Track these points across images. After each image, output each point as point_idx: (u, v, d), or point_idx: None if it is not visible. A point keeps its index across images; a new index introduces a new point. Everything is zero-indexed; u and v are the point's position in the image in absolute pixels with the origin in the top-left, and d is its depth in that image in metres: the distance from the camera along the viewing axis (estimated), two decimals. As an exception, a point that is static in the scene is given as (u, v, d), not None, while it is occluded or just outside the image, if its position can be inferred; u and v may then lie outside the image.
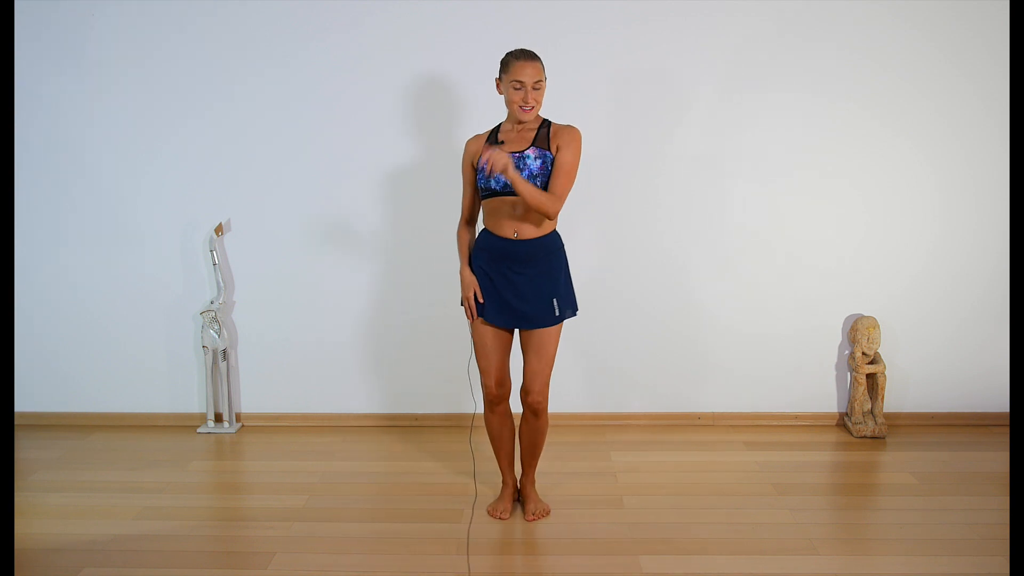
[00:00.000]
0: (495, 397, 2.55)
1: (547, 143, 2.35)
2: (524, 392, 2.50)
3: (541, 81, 2.31)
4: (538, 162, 2.32)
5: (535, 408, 2.51)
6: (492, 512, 2.67)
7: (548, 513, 2.64)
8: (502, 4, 3.24)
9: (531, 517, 2.61)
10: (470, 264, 2.51)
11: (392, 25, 3.26)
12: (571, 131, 2.38)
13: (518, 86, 2.28)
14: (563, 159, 2.33)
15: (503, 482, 2.72)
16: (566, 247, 2.55)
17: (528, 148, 2.33)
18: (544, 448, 3.20)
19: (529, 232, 2.38)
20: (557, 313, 2.43)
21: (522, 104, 2.29)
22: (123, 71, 3.33)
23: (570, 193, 2.40)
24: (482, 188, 2.39)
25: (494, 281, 2.43)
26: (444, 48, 3.28)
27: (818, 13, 3.23)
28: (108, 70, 3.33)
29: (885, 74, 3.27)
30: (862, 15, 3.23)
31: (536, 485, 2.75)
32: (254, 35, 3.29)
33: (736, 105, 3.31)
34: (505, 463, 2.69)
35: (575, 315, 2.53)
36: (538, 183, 2.31)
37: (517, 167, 2.30)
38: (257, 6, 3.26)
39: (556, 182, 2.32)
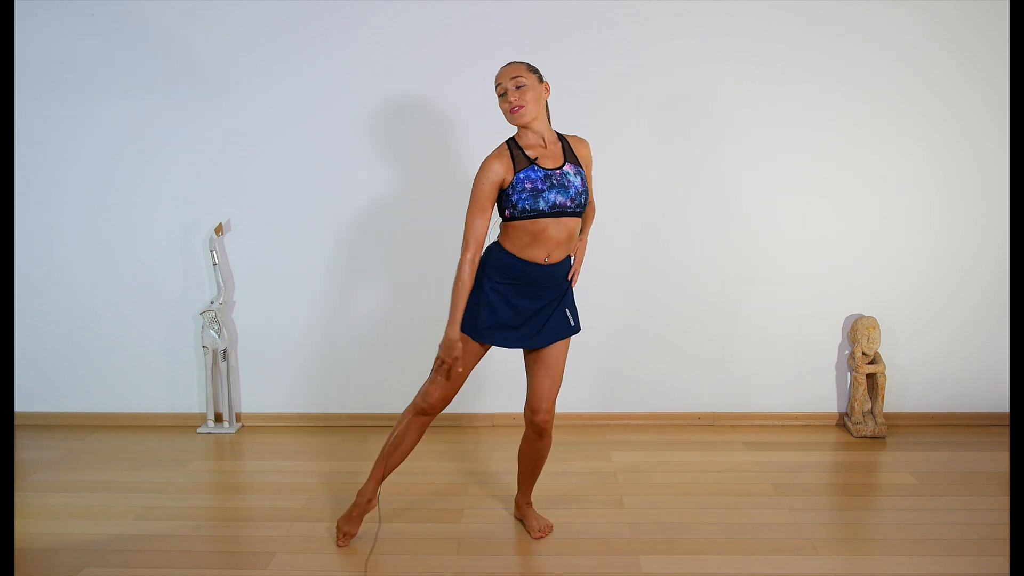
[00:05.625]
0: (433, 411, 2.35)
1: (575, 158, 2.26)
2: (532, 411, 2.33)
3: (521, 76, 2.15)
4: (578, 178, 2.21)
5: (543, 428, 2.35)
6: (340, 532, 2.45)
7: (552, 528, 2.54)
8: (503, 5, 3.24)
9: (539, 534, 2.50)
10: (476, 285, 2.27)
11: (393, 25, 3.26)
12: (587, 145, 2.33)
13: (501, 91, 2.18)
14: (588, 176, 2.30)
15: (362, 496, 2.43)
16: None
17: (565, 164, 2.22)
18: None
19: (560, 255, 2.25)
20: (572, 323, 2.34)
21: (509, 107, 2.16)
22: (122, 71, 3.33)
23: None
24: (526, 208, 2.15)
25: (511, 303, 2.25)
26: (446, 46, 3.28)
27: (817, 13, 3.23)
28: (107, 70, 3.33)
29: (885, 75, 3.27)
30: (862, 15, 3.23)
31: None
32: (254, 35, 3.29)
33: (737, 107, 3.31)
34: (381, 475, 2.41)
35: (578, 328, 2.39)
36: (582, 200, 2.22)
37: (562, 184, 2.18)
38: (257, 6, 3.26)
39: (589, 200, 2.34)
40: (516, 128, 2.24)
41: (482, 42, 3.25)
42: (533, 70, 2.21)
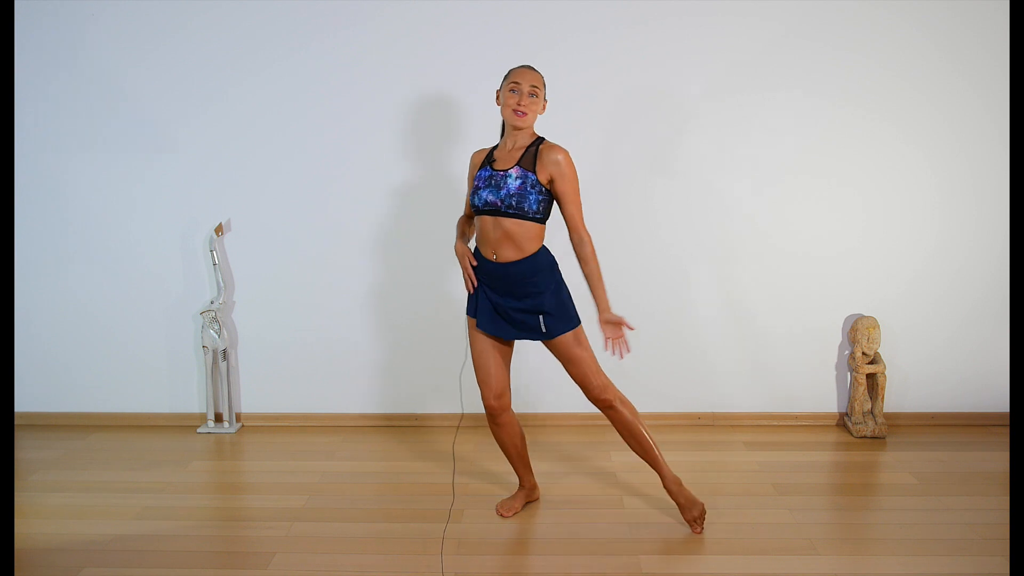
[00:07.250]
0: (494, 410, 2.49)
1: (532, 164, 2.29)
2: (589, 398, 2.45)
3: (538, 88, 2.31)
4: (517, 182, 2.28)
5: (605, 404, 2.43)
6: (498, 508, 2.67)
7: (703, 511, 2.51)
8: (501, 5, 3.24)
9: (691, 517, 2.50)
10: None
11: (390, 25, 3.26)
12: (559, 156, 2.28)
13: (514, 87, 2.29)
14: (564, 190, 2.31)
15: (519, 483, 2.72)
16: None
17: (512, 167, 2.31)
18: (545, 447, 3.22)
19: (508, 255, 2.33)
20: (544, 330, 2.36)
21: (516, 107, 2.28)
22: (122, 71, 3.33)
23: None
24: (471, 204, 2.38)
25: (486, 294, 2.41)
26: (442, 48, 3.28)
27: (816, 14, 3.23)
28: (107, 71, 3.33)
29: (884, 74, 3.27)
30: (860, 16, 3.23)
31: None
32: (253, 35, 3.29)
33: (736, 107, 3.31)
34: (519, 467, 2.67)
35: (574, 328, 2.40)
36: (513, 202, 2.27)
37: (498, 186, 2.29)
38: (256, 6, 3.26)
39: (570, 215, 2.32)
40: (505, 127, 2.41)
41: (482, 42, 3.25)
42: (544, 85, 2.37)
